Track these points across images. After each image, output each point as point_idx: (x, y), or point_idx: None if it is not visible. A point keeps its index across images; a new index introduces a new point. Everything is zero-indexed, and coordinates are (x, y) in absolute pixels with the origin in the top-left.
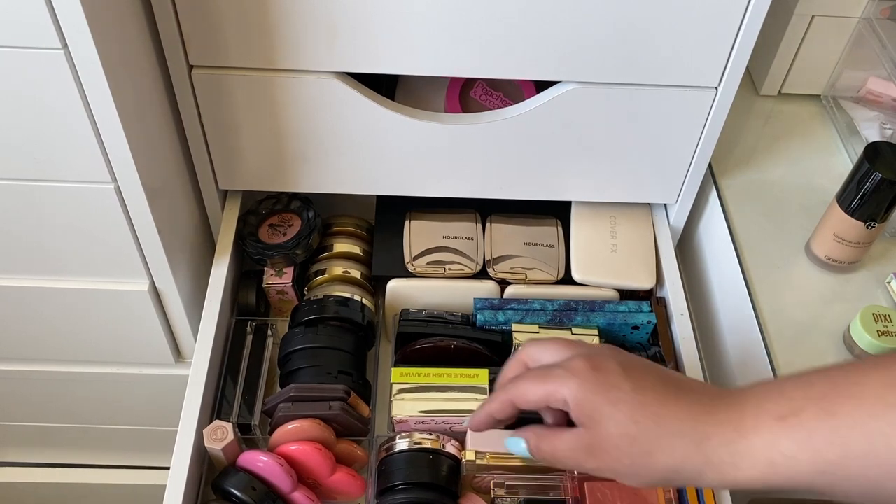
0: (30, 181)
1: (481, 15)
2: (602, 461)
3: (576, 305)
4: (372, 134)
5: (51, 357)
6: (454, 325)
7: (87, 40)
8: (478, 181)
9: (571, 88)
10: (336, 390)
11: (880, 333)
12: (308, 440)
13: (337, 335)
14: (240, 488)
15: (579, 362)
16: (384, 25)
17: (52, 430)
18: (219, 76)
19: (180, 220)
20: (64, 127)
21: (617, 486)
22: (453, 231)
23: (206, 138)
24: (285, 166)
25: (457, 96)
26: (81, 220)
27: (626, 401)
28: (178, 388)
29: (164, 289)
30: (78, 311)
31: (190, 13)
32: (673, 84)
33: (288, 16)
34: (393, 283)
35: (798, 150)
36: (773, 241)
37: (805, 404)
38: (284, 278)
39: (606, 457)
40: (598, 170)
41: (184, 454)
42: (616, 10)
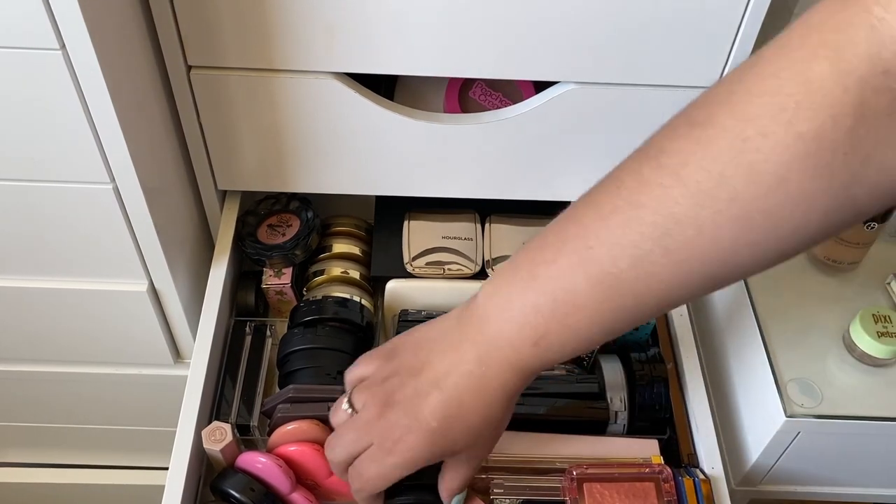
0: (28, 182)
1: (480, 15)
2: (456, 439)
3: None
4: (371, 134)
5: (49, 357)
6: None
7: (86, 41)
8: (477, 181)
9: (570, 88)
10: (335, 391)
11: (880, 334)
12: (307, 441)
13: (336, 336)
14: (238, 489)
15: (365, 414)
16: (383, 25)
17: (50, 431)
18: (217, 76)
19: (179, 220)
20: (62, 127)
21: (616, 487)
22: (452, 231)
23: (204, 138)
24: (284, 166)
25: (456, 96)
26: (80, 220)
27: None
28: (177, 389)
29: (163, 289)
30: (77, 312)
31: (188, 13)
32: (672, 84)
33: (286, 16)
34: (392, 283)
35: None
36: None
37: (545, 324)
38: (283, 279)
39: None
40: (598, 170)
41: (182, 455)
42: (615, 9)
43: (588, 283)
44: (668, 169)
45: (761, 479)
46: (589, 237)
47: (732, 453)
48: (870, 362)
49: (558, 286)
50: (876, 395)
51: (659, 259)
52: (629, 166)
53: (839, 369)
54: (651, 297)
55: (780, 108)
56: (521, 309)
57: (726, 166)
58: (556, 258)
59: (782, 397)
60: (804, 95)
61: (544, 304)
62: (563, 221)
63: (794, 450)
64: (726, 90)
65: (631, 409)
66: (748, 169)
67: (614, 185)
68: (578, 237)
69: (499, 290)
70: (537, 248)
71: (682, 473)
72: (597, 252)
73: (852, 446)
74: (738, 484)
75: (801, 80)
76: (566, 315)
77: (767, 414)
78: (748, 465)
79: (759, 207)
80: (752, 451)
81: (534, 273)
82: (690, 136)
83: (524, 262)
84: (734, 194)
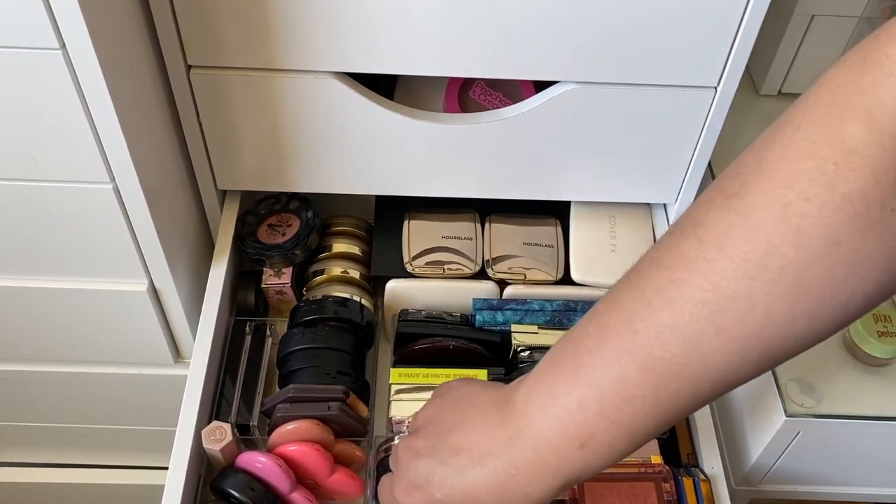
0: (28, 181)
1: (480, 15)
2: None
3: (575, 306)
4: (371, 134)
5: (49, 357)
6: (453, 326)
7: (85, 40)
8: (477, 181)
9: (570, 88)
10: (335, 391)
11: (880, 334)
12: (307, 441)
13: (336, 335)
14: (238, 489)
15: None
16: (383, 25)
17: (50, 430)
18: (217, 76)
19: (179, 220)
20: (62, 127)
21: (616, 487)
22: (452, 231)
23: (204, 138)
24: (284, 166)
25: (456, 96)
26: (80, 220)
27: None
28: (177, 389)
29: (163, 289)
30: (76, 311)
31: (188, 13)
32: (672, 84)
33: (286, 15)
34: (392, 283)
35: None
36: None
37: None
38: (283, 278)
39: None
40: (598, 170)
41: (182, 454)
42: (615, 9)
43: (637, 370)
44: (710, 243)
45: (761, 478)
46: (634, 321)
47: (732, 453)
48: (870, 362)
49: (604, 377)
50: (876, 395)
51: (712, 339)
52: (665, 245)
53: (839, 369)
54: (706, 380)
55: (820, 172)
56: (565, 405)
57: (772, 234)
58: (599, 347)
59: (782, 397)
60: (842, 157)
61: (590, 398)
62: (601, 309)
63: (794, 450)
64: (756, 158)
65: None
66: (796, 234)
67: (653, 266)
68: (622, 322)
69: (539, 382)
70: (577, 338)
71: (681, 473)
72: (643, 337)
73: (852, 446)
74: (738, 484)
75: (835, 143)
76: (616, 410)
77: (767, 414)
78: (748, 465)
79: (813, 274)
80: (752, 451)
81: (576, 363)
82: (727, 206)
83: (563, 353)
84: (784, 262)
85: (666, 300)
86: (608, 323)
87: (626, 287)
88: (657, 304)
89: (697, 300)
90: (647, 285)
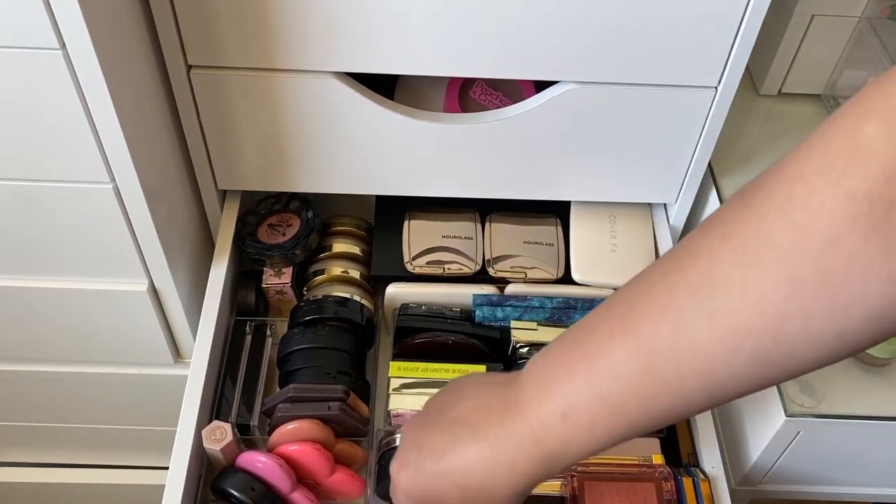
0: (28, 181)
1: (480, 15)
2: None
3: (575, 303)
4: (371, 134)
5: (50, 357)
6: (453, 321)
7: (86, 40)
8: (477, 181)
9: (571, 88)
10: (335, 391)
11: None
12: (307, 440)
13: (336, 335)
14: (238, 489)
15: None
16: (383, 25)
17: (50, 431)
18: (217, 76)
19: (179, 220)
20: (62, 127)
21: (616, 486)
22: (453, 231)
23: (204, 138)
24: (284, 166)
25: (456, 96)
26: (80, 220)
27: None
28: (177, 388)
29: (163, 289)
30: (77, 311)
31: (188, 13)
32: (672, 84)
33: (287, 15)
34: (391, 288)
35: None
36: None
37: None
38: (283, 278)
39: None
40: (598, 169)
41: (182, 454)
42: (615, 9)
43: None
44: (716, 233)
45: (761, 478)
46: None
47: (732, 453)
48: (870, 362)
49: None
50: (876, 395)
51: (701, 324)
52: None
53: (839, 369)
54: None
55: (829, 167)
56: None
57: (772, 225)
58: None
59: (782, 397)
60: (852, 155)
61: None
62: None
63: (794, 449)
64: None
65: None
66: (795, 227)
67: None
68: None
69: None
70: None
71: (681, 473)
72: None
73: (852, 446)
74: (738, 483)
75: (850, 141)
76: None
77: (767, 413)
78: (748, 465)
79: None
80: (752, 451)
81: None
82: (740, 203)
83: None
84: (780, 253)
85: (666, 285)
86: (612, 305)
87: (638, 278)
88: (658, 288)
89: (693, 285)
90: (655, 273)
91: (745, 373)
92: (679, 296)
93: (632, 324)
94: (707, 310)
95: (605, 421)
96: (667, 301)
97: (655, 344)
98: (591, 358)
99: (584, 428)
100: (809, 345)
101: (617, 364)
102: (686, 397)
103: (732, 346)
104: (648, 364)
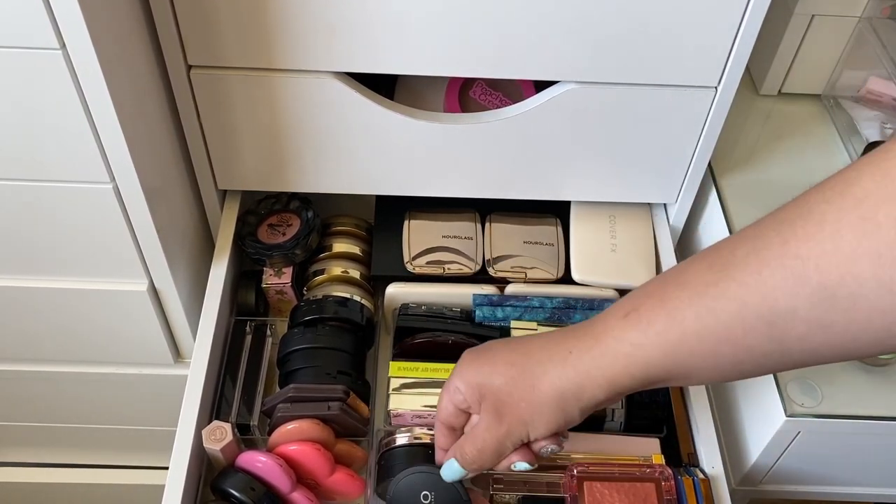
0: (28, 181)
1: (480, 15)
2: (510, 418)
3: (575, 303)
4: (371, 134)
5: (50, 357)
6: (453, 321)
7: (85, 40)
8: (477, 181)
9: (570, 88)
10: (335, 391)
11: None
12: (307, 440)
13: (336, 335)
14: (238, 489)
15: (462, 356)
16: (383, 25)
17: (50, 430)
18: (217, 76)
19: (179, 220)
20: (62, 127)
21: (616, 486)
22: (453, 231)
23: (204, 138)
24: (284, 166)
25: (456, 96)
26: (80, 220)
27: (500, 352)
28: (177, 388)
29: (163, 289)
30: (77, 311)
31: (188, 13)
32: (672, 84)
33: (287, 15)
34: (392, 288)
35: (798, 150)
36: None
37: (642, 300)
38: (283, 278)
39: (510, 411)
40: (598, 169)
41: (182, 454)
42: (615, 9)
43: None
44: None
45: (761, 478)
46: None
47: (732, 453)
48: (870, 362)
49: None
50: (876, 395)
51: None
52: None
53: (839, 369)
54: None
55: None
56: (631, 293)
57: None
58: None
59: (782, 397)
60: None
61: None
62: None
63: (794, 450)
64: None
65: (629, 407)
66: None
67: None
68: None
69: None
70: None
71: (681, 473)
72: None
73: (852, 446)
74: (738, 483)
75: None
76: (663, 293)
77: (767, 413)
78: (748, 465)
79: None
80: (752, 451)
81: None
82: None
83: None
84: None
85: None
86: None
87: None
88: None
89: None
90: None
91: (808, 309)
92: (761, 227)
93: (714, 251)
94: (783, 236)
95: (661, 324)
96: (750, 232)
97: (728, 262)
98: (669, 276)
99: (640, 327)
100: (878, 294)
101: (688, 279)
102: (745, 323)
103: (800, 274)
104: (715, 279)
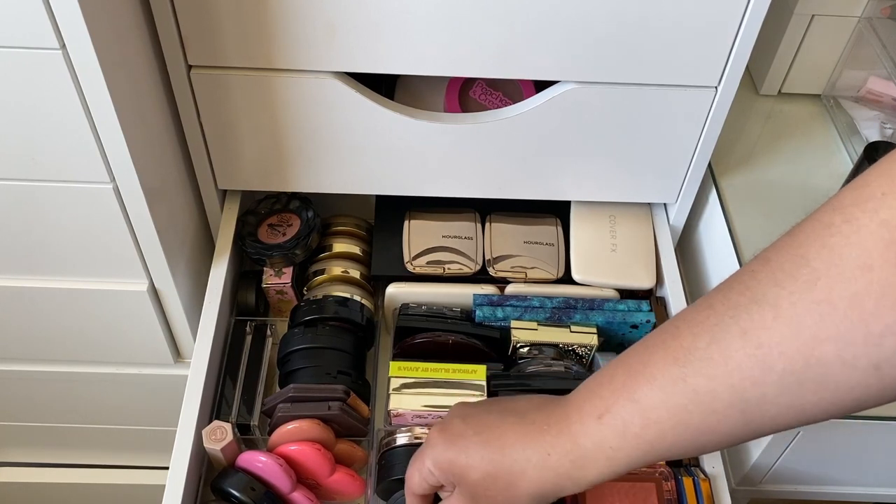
0: (28, 181)
1: (480, 15)
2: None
3: (575, 303)
4: (371, 134)
5: (50, 357)
6: (453, 321)
7: (86, 40)
8: (477, 181)
9: (571, 88)
10: (335, 390)
11: None
12: (307, 440)
13: (336, 335)
14: (239, 489)
15: (431, 434)
16: (383, 25)
17: (51, 430)
18: (218, 76)
19: (179, 219)
20: (62, 127)
21: (616, 487)
22: (453, 231)
23: (205, 138)
24: (284, 166)
25: (456, 96)
26: (80, 220)
27: (473, 444)
28: (178, 388)
29: (164, 289)
30: (77, 311)
31: (189, 13)
32: (672, 83)
33: (287, 15)
34: (392, 288)
35: (798, 150)
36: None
37: (614, 399)
38: (284, 278)
39: (487, 502)
40: (598, 169)
41: (183, 454)
42: (615, 9)
43: (664, 356)
44: (760, 256)
45: (761, 478)
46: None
47: (732, 453)
48: None
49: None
50: None
51: (734, 338)
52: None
53: None
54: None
55: (868, 198)
56: (598, 378)
57: (808, 249)
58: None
59: None
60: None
61: (619, 375)
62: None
63: (794, 449)
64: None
65: None
66: (829, 252)
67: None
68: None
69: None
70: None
71: (681, 473)
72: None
73: (852, 446)
74: (738, 483)
75: (888, 176)
76: (635, 389)
77: None
78: (748, 465)
79: (842, 293)
80: (753, 451)
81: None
82: (786, 233)
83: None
84: (815, 276)
85: (708, 304)
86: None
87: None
88: (702, 307)
89: (731, 303)
90: (707, 296)
91: (777, 394)
92: (717, 312)
93: (674, 338)
94: (741, 326)
95: (637, 426)
96: (706, 317)
97: (691, 354)
98: (635, 368)
99: (616, 430)
100: (844, 373)
101: (654, 372)
102: (717, 413)
103: (764, 363)
104: (682, 375)
